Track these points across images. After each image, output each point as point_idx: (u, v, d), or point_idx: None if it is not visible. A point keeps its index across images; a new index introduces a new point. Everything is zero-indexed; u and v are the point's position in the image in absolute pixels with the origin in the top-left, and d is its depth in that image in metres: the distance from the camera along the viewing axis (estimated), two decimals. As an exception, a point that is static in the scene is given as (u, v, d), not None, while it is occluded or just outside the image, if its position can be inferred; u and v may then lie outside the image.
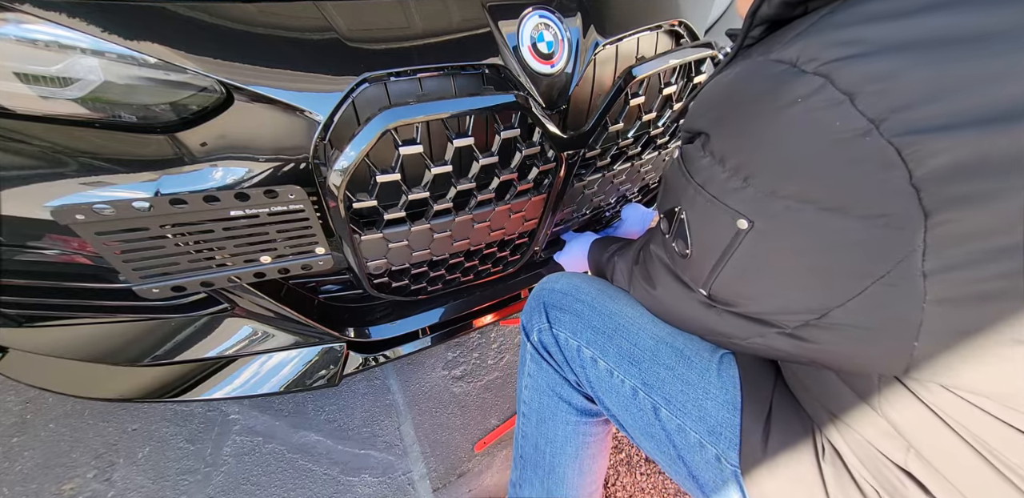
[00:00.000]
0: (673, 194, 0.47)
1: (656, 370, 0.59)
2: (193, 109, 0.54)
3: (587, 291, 0.69)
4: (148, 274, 0.58)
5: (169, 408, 1.06)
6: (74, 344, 0.70)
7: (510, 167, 0.69)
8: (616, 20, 0.76)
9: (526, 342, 0.75)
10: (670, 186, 0.48)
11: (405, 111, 0.55)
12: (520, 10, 0.67)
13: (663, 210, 0.50)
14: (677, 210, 0.46)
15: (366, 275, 0.74)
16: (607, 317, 0.65)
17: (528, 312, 0.75)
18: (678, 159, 0.46)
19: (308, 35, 0.55)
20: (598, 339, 0.65)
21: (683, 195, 0.44)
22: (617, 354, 0.63)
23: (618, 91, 0.72)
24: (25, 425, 0.99)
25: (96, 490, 0.93)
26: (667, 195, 0.49)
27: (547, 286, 0.74)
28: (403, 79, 0.60)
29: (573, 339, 0.67)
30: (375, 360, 0.90)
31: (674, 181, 0.47)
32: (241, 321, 0.76)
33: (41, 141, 0.50)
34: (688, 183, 0.43)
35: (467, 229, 0.74)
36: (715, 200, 0.40)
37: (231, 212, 0.55)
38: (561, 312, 0.69)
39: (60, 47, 0.47)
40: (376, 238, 0.66)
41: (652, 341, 0.61)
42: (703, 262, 0.45)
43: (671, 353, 0.60)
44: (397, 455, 1.06)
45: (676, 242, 0.48)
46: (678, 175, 0.45)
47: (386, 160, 0.60)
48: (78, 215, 0.49)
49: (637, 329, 0.63)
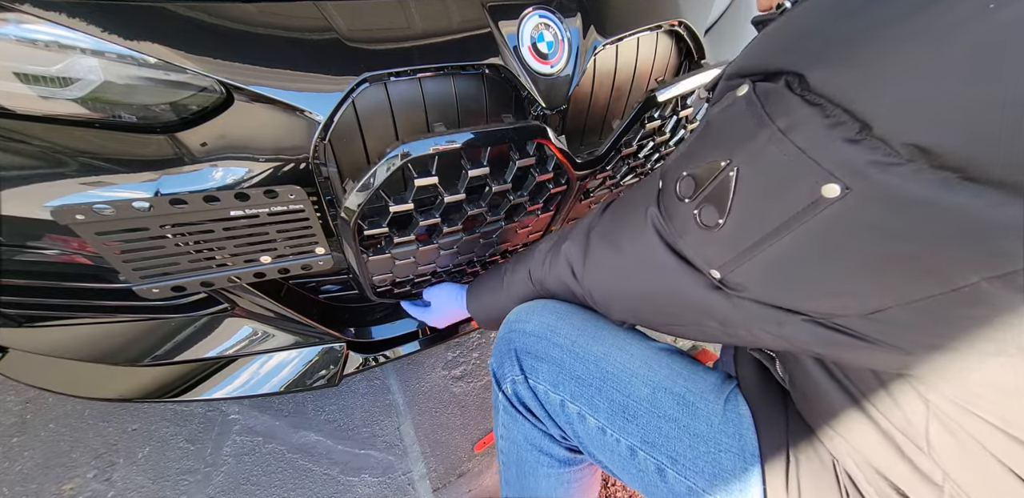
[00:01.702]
0: (722, 144, 0.36)
1: (658, 425, 0.51)
2: (193, 109, 0.54)
3: (564, 332, 0.59)
4: (148, 274, 0.58)
5: (169, 408, 1.06)
6: (74, 344, 0.70)
7: (522, 192, 0.68)
8: (616, 20, 0.75)
9: (497, 391, 0.65)
10: (719, 133, 0.37)
11: (421, 145, 0.54)
12: (520, 10, 0.66)
13: (687, 167, 0.39)
14: (724, 165, 0.35)
15: (370, 286, 0.74)
16: (592, 364, 0.56)
17: (498, 358, 0.64)
18: (746, 97, 0.34)
19: (308, 35, 0.55)
20: (584, 392, 0.55)
21: (742, 145, 0.34)
22: (609, 409, 0.54)
23: (637, 115, 0.71)
24: (25, 425, 0.99)
25: (96, 490, 0.93)
26: (707, 146, 0.38)
27: (516, 327, 0.63)
28: (403, 79, 0.60)
29: (554, 393, 0.58)
30: (375, 360, 0.90)
31: (728, 126, 0.36)
32: (241, 321, 0.76)
33: (41, 141, 0.50)
34: (760, 128, 0.32)
35: (474, 245, 0.74)
36: (802, 154, 0.29)
37: (231, 212, 0.55)
38: (537, 361, 0.59)
39: (60, 47, 0.47)
40: (384, 258, 0.66)
41: (648, 389, 0.53)
42: (737, 238, 0.35)
43: (672, 401, 0.52)
44: (397, 455, 1.06)
45: (703, 208, 0.37)
46: (742, 118, 0.34)
47: (399, 190, 0.60)
48: (78, 215, 0.49)
49: (629, 376, 0.54)
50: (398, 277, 0.75)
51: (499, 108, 0.70)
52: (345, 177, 0.60)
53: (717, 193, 0.36)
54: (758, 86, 0.34)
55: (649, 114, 0.73)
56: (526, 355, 0.60)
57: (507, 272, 0.69)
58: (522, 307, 0.65)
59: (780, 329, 0.38)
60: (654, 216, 0.44)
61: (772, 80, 0.33)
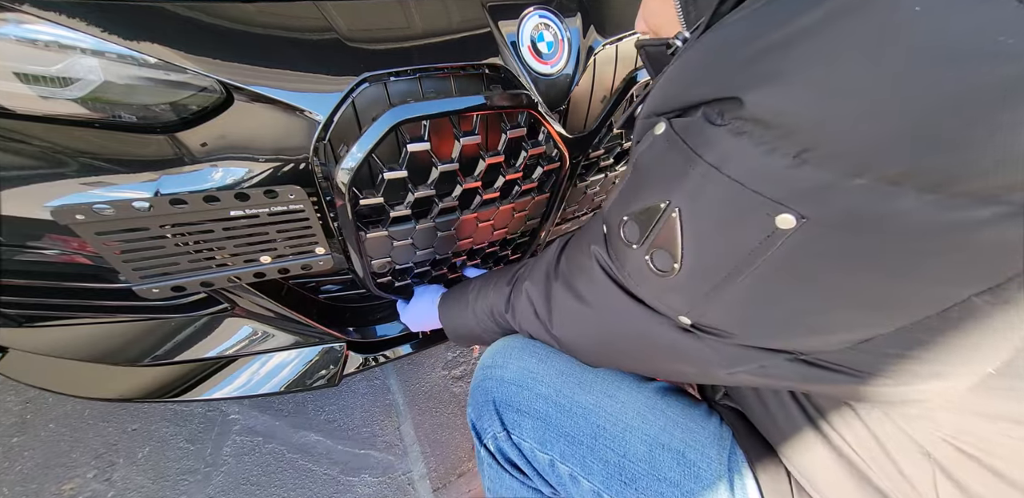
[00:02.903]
0: (655, 184, 0.34)
1: (659, 489, 0.47)
2: (193, 109, 0.54)
3: (546, 379, 0.54)
4: (148, 274, 0.58)
5: (169, 408, 1.06)
6: (74, 344, 0.70)
7: (515, 166, 0.69)
8: (616, 20, 0.76)
9: (480, 446, 0.60)
10: (649, 174, 0.36)
11: (413, 108, 0.55)
12: (520, 10, 0.67)
13: (627, 211, 0.37)
14: (664, 207, 0.33)
15: (370, 274, 0.74)
16: (581, 418, 0.52)
17: (475, 409, 0.59)
18: (665, 135, 0.33)
19: (308, 35, 0.55)
20: (576, 451, 0.51)
21: (676, 184, 0.32)
22: (604, 472, 0.49)
23: (621, 94, 0.72)
24: (25, 425, 0.99)
25: (96, 490, 0.93)
26: (641, 188, 0.36)
27: (493, 374, 0.57)
28: (403, 79, 0.60)
29: (542, 452, 0.53)
30: (375, 360, 0.90)
31: (657, 166, 0.34)
32: (241, 321, 0.76)
33: (41, 141, 0.50)
34: (690, 165, 0.30)
35: (471, 228, 0.74)
36: (742, 187, 0.27)
37: (231, 212, 0.55)
38: (519, 415, 0.54)
39: (60, 47, 0.47)
40: (381, 236, 0.66)
41: (645, 447, 0.49)
42: (697, 281, 0.33)
43: (672, 461, 0.48)
44: (397, 455, 1.06)
45: (654, 254, 0.35)
46: (668, 157, 0.32)
47: (393, 158, 0.60)
48: (78, 215, 0.49)
49: (622, 431, 0.50)
50: (398, 263, 0.75)
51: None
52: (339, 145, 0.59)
53: (665, 236, 0.34)
54: (675, 122, 0.32)
55: (635, 94, 0.74)
56: (506, 408, 0.55)
57: (473, 290, 0.65)
58: (497, 348, 0.60)
59: (763, 370, 0.36)
60: (603, 262, 0.42)
61: (689, 114, 0.31)
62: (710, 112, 0.29)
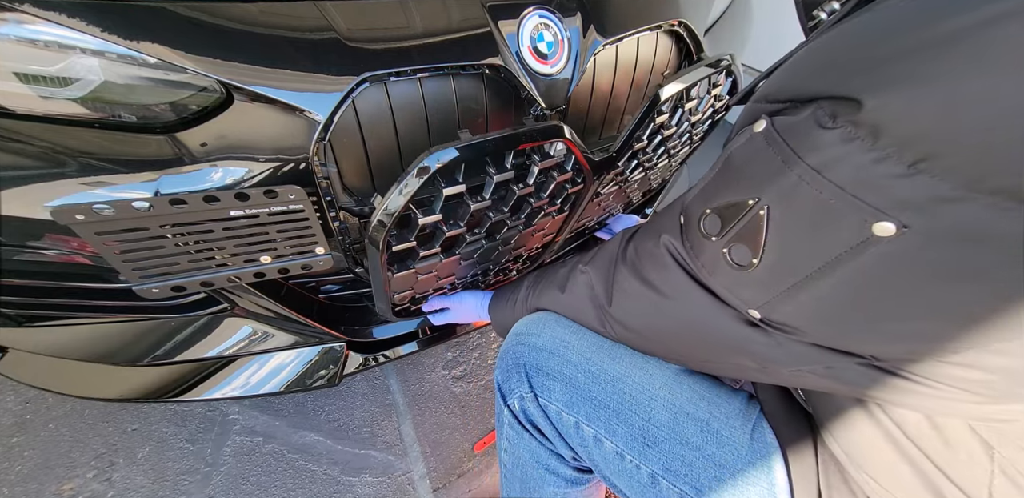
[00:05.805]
0: (746, 181, 0.33)
1: (681, 452, 0.48)
2: (193, 109, 0.54)
3: (578, 348, 0.56)
4: (148, 274, 0.58)
5: (169, 408, 1.06)
6: (74, 344, 0.70)
7: (543, 194, 0.67)
8: (616, 20, 0.76)
9: (503, 406, 0.62)
10: (742, 170, 0.35)
11: (449, 152, 0.53)
12: (520, 10, 0.66)
13: (711, 205, 0.37)
14: (752, 204, 0.32)
15: (390, 306, 0.73)
16: (609, 384, 0.53)
17: (503, 371, 0.61)
18: (765, 132, 0.32)
19: (308, 35, 0.55)
20: (601, 415, 0.52)
21: (769, 183, 0.31)
22: (628, 434, 0.51)
23: (647, 111, 0.71)
24: (25, 425, 0.99)
25: (96, 490, 0.93)
26: (731, 183, 0.35)
27: (525, 340, 0.59)
28: (403, 79, 0.60)
29: (568, 414, 0.55)
30: (375, 360, 0.90)
31: (751, 163, 0.33)
32: (241, 321, 0.76)
33: (41, 141, 0.50)
34: (788, 167, 0.29)
35: (493, 252, 0.74)
36: (842, 192, 0.27)
37: (231, 212, 0.55)
38: (549, 379, 0.56)
39: (60, 47, 0.47)
40: (408, 274, 0.65)
41: (669, 414, 0.50)
42: (775, 278, 0.33)
43: (695, 428, 0.49)
44: (397, 455, 1.06)
45: (733, 247, 0.35)
46: (765, 155, 0.31)
47: (426, 200, 0.58)
48: (78, 215, 0.49)
49: (649, 398, 0.51)
50: (418, 293, 0.74)
51: (499, 108, 0.70)
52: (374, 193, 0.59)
53: (747, 231, 0.33)
54: (776, 121, 0.31)
55: (658, 108, 0.72)
56: (536, 372, 0.57)
57: (528, 287, 0.66)
58: (532, 319, 0.62)
59: (830, 371, 0.36)
60: (676, 252, 0.42)
61: (798, 111, 0.30)
62: (821, 113, 0.28)
